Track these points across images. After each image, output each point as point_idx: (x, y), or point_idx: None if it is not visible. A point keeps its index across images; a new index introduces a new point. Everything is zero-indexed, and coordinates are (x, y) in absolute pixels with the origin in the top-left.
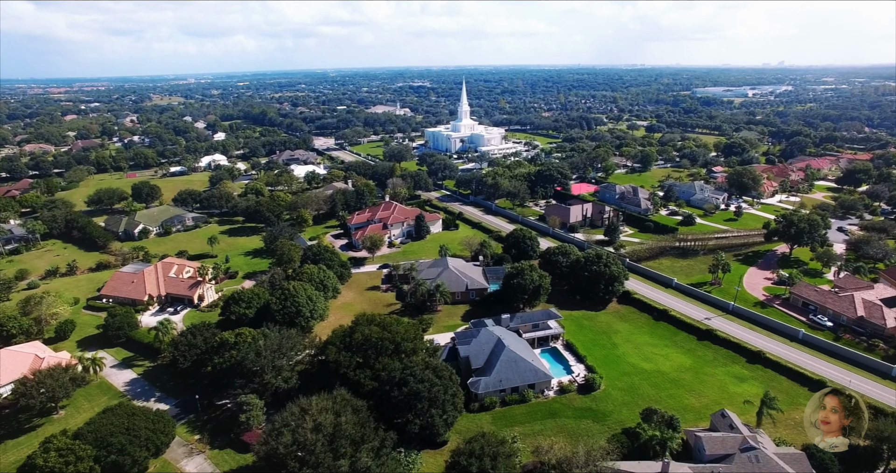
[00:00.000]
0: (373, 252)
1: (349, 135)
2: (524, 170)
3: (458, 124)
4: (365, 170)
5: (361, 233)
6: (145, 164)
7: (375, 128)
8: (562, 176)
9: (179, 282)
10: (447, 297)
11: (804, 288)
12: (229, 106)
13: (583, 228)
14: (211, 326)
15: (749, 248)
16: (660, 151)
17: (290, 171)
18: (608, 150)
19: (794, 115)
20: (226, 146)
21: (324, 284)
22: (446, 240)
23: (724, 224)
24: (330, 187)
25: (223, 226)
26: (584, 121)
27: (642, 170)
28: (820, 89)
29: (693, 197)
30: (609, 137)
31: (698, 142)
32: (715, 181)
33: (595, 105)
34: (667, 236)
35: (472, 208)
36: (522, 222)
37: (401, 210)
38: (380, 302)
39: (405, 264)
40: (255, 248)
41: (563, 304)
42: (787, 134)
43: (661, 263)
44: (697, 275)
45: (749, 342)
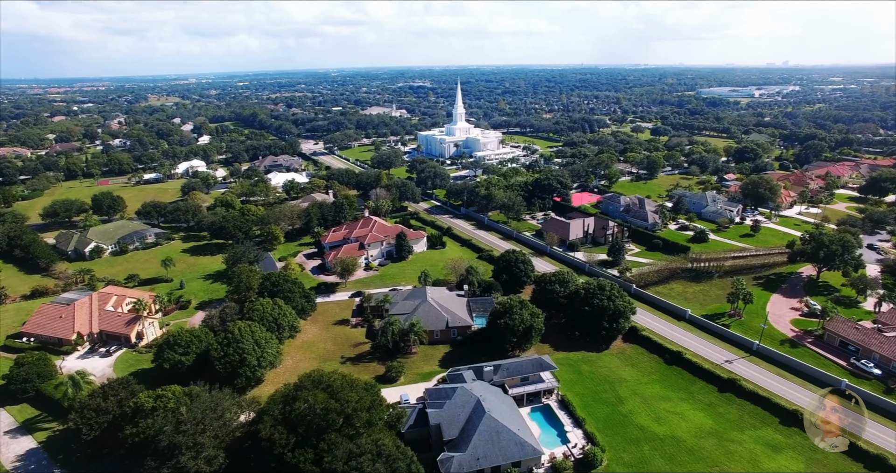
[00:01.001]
0: (345, 277)
1: (338, 138)
2: (521, 179)
3: (452, 127)
4: (349, 178)
5: (335, 253)
6: (120, 171)
7: (368, 131)
8: (561, 185)
9: (116, 317)
10: (423, 337)
11: (842, 324)
12: (222, 107)
13: (584, 246)
14: (129, 384)
15: (769, 270)
16: (667, 157)
17: (267, 181)
18: (612, 156)
19: (803, 116)
20: (207, 151)
21: (278, 323)
22: (431, 261)
23: (741, 241)
24: (308, 198)
25: (188, 244)
26: (587, 124)
27: (648, 177)
28: (828, 89)
29: (705, 209)
30: (612, 141)
31: (707, 147)
32: (727, 190)
33: (598, 106)
34: (678, 257)
35: (462, 222)
36: (517, 239)
37: (380, 227)
38: (347, 341)
39: (378, 294)
40: (217, 270)
41: (559, 343)
42: (801, 137)
43: (671, 288)
44: (713, 304)
45: (781, 395)
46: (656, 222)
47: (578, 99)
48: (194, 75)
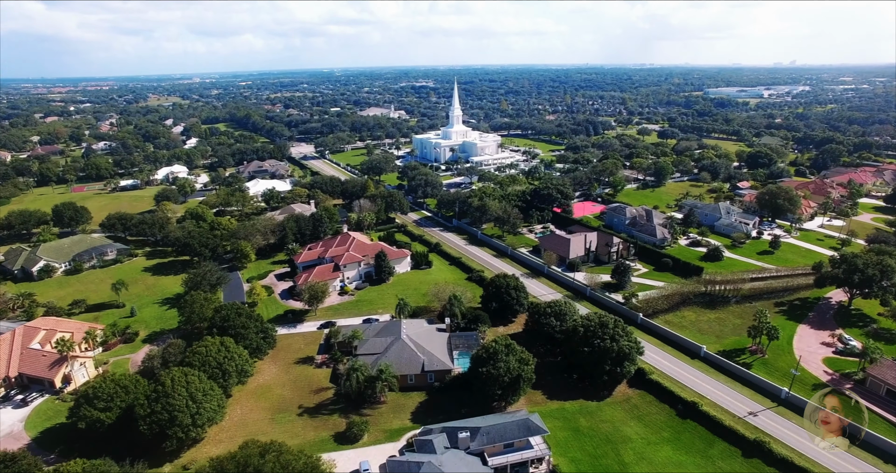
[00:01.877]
0: (313, 305)
1: (329, 142)
2: (519, 188)
3: (448, 130)
4: (333, 186)
5: (307, 276)
6: (97, 176)
7: (362, 133)
8: (562, 195)
9: (40, 357)
10: (394, 385)
11: (889, 369)
12: (218, 108)
13: (585, 265)
14: (17, 460)
15: (793, 294)
16: (675, 162)
17: (245, 190)
18: (617, 162)
19: (815, 118)
20: (190, 155)
21: (223, 369)
22: (414, 284)
23: (759, 259)
24: (287, 210)
25: (152, 261)
26: (591, 126)
27: (656, 184)
28: (839, 89)
29: (718, 222)
30: (617, 145)
31: (718, 151)
32: (741, 200)
33: (603, 107)
34: (690, 280)
35: (453, 236)
36: (512, 256)
37: (359, 245)
38: (309, 385)
39: (347, 328)
40: (177, 293)
41: (554, 388)
42: (817, 140)
43: (683, 317)
44: (731, 336)
45: (823, 464)
46: (665, 237)
47: (583, 99)
48: (199, 75)
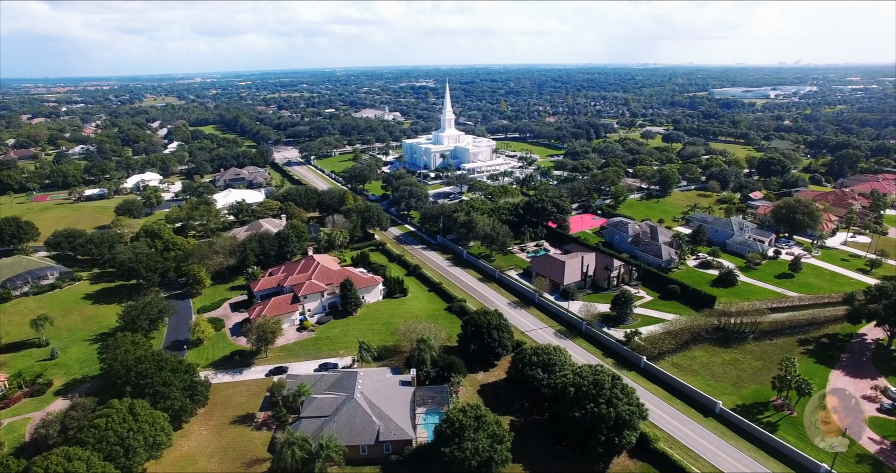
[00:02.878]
0: (261, 347)
1: (315, 147)
2: (511, 200)
3: (439, 135)
4: (308, 198)
5: (261, 308)
6: (64, 184)
7: (352, 137)
8: (558, 209)
9: None
10: (339, 460)
11: None
12: (210, 109)
13: (581, 292)
14: None
15: (820, 329)
16: (682, 170)
17: (212, 202)
18: (619, 170)
19: (825, 119)
20: (166, 161)
21: (126, 446)
22: (385, 317)
23: (778, 284)
24: (254, 226)
25: (97, 286)
26: (592, 129)
27: (661, 194)
28: (847, 89)
29: (730, 239)
30: (619, 150)
31: (727, 157)
32: (754, 213)
33: (605, 108)
34: (701, 314)
35: (437, 255)
36: (499, 280)
37: (323, 272)
38: (242, 455)
39: (295, 380)
40: (116, 328)
41: (536, 458)
42: (831, 145)
43: (693, 358)
44: (751, 384)
45: None
46: (672, 258)
47: (585, 100)
48: (202, 74)
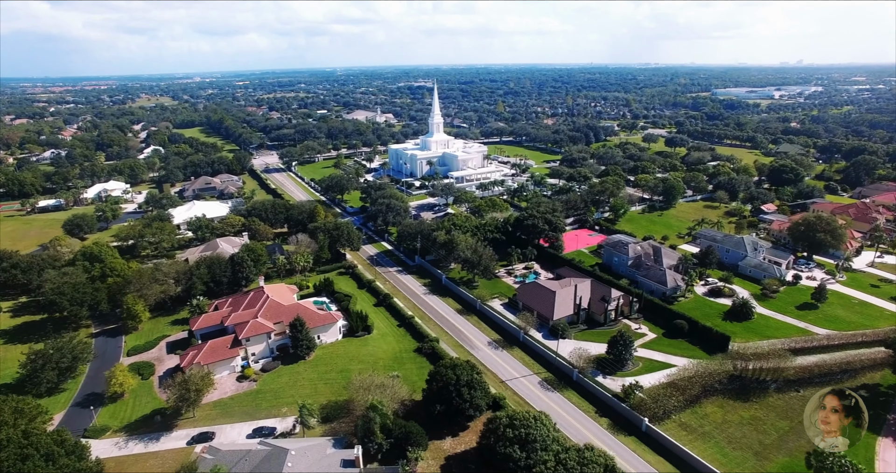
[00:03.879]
0: (186, 408)
1: (297, 152)
2: (499, 215)
3: (427, 140)
4: (276, 213)
5: (195, 353)
6: (21, 193)
7: (339, 140)
8: (550, 226)
9: None
10: None
11: None
12: (199, 110)
13: (574, 328)
14: None
15: (855, 377)
16: (687, 179)
17: (168, 218)
18: (618, 180)
19: (833, 121)
20: (135, 168)
21: None
22: (342, 361)
23: (800, 317)
24: (210, 246)
25: (17, 319)
26: (591, 132)
27: (664, 206)
28: (853, 90)
29: (743, 261)
30: (620, 156)
31: (735, 163)
32: (767, 228)
33: (606, 109)
34: (713, 360)
35: (412, 280)
36: (481, 312)
37: (272, 308)
38: None
39: (209, 461)
40: (19, 378)
41: None
42: (845, 150)
43: (704, 416)
44: (776, 455)
45: None
46: (677, 285)
47: (585, 101)
48: (202, 74)
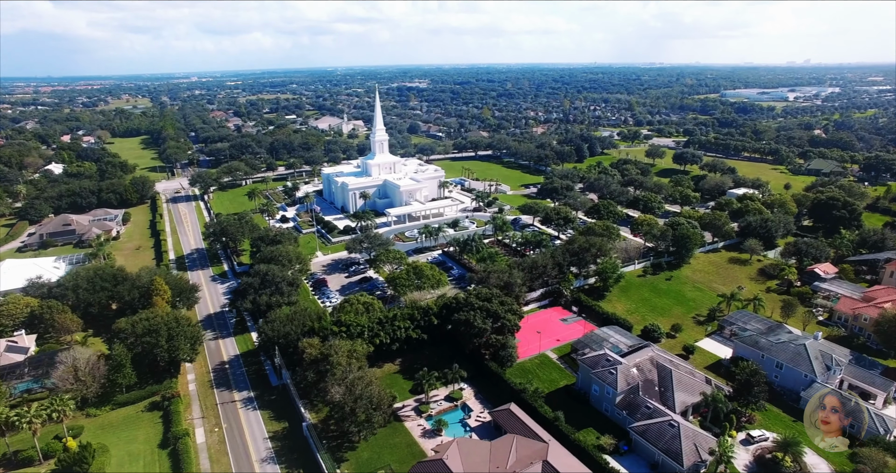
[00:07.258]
0: None
1: (211, 175)
2: (430, 295)
3: (367, 163)
4: (94, 291)
5: None
6: None
7: (282, 157)
8: (494, 322)
9: None
10: None
11: None
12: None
13: None
14: None
15: None
16: (705, 221)
17: None
18: (611, 228)
19: (861, 127)
20: None
21: None
22: None
23: None
24: None
25: None
26: (585, 143)
27: (676, 263)
28: (874, 91)
29: (805, 391)
30: (616, 183)
31: (764, 193)
32: (827, 306)
33: (606, 113)
34: None
35: (258, 423)
36: None
37: None
38: None
39: None
40: None
41: None
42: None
43: None
44: None
45: None
46: (700, 460)
47: (584, 103)
48: (206, 73)
